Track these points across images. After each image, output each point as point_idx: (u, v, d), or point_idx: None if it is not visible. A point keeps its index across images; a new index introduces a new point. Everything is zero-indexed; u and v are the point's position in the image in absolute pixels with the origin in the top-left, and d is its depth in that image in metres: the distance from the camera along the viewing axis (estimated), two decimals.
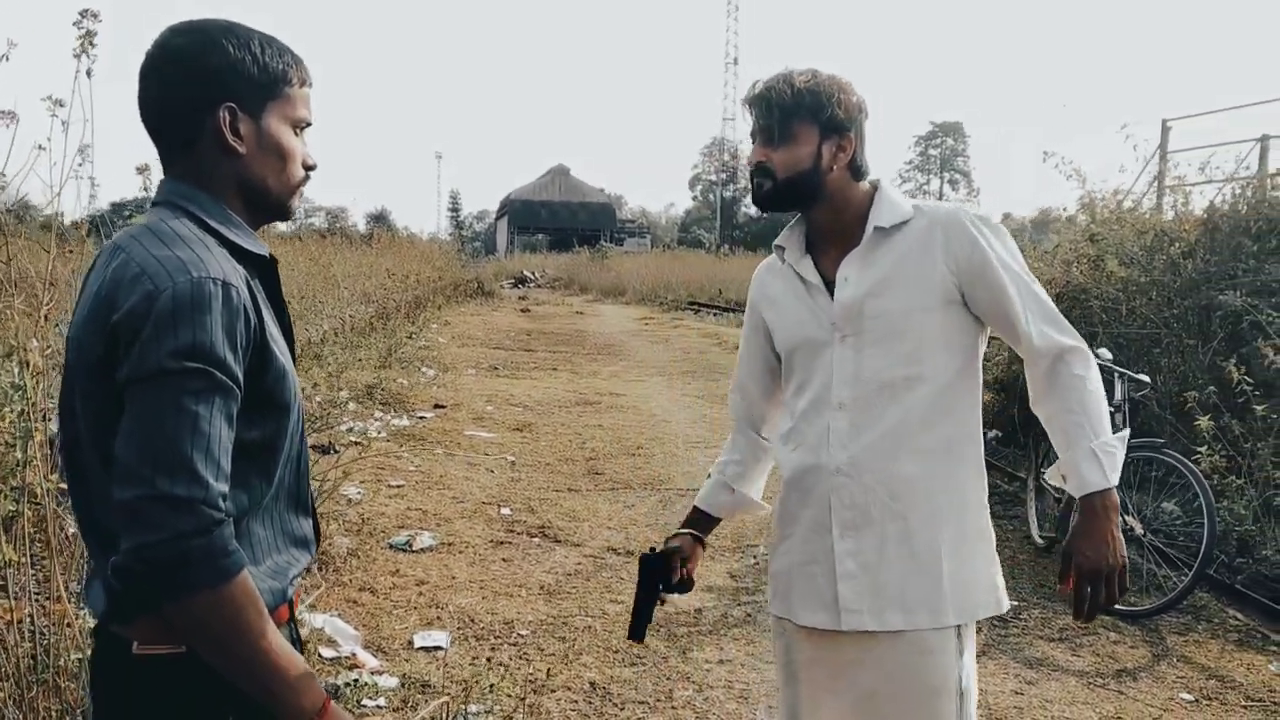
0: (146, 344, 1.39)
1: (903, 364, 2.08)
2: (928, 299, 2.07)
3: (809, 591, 2.17)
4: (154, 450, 1.37)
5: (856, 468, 2.09)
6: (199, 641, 1.44)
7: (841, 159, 2.11)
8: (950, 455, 2.11)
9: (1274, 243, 7.48)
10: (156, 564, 1.36)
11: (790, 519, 2.23)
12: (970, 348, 2.13)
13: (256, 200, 1.66)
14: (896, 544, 2.09)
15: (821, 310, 2.15)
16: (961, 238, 2.07)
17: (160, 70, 1.58)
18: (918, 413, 2.08)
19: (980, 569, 2.14)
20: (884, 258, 2.10)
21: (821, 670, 2.19)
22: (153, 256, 1.46)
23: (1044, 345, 2.07)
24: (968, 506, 2.13)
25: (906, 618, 2.07)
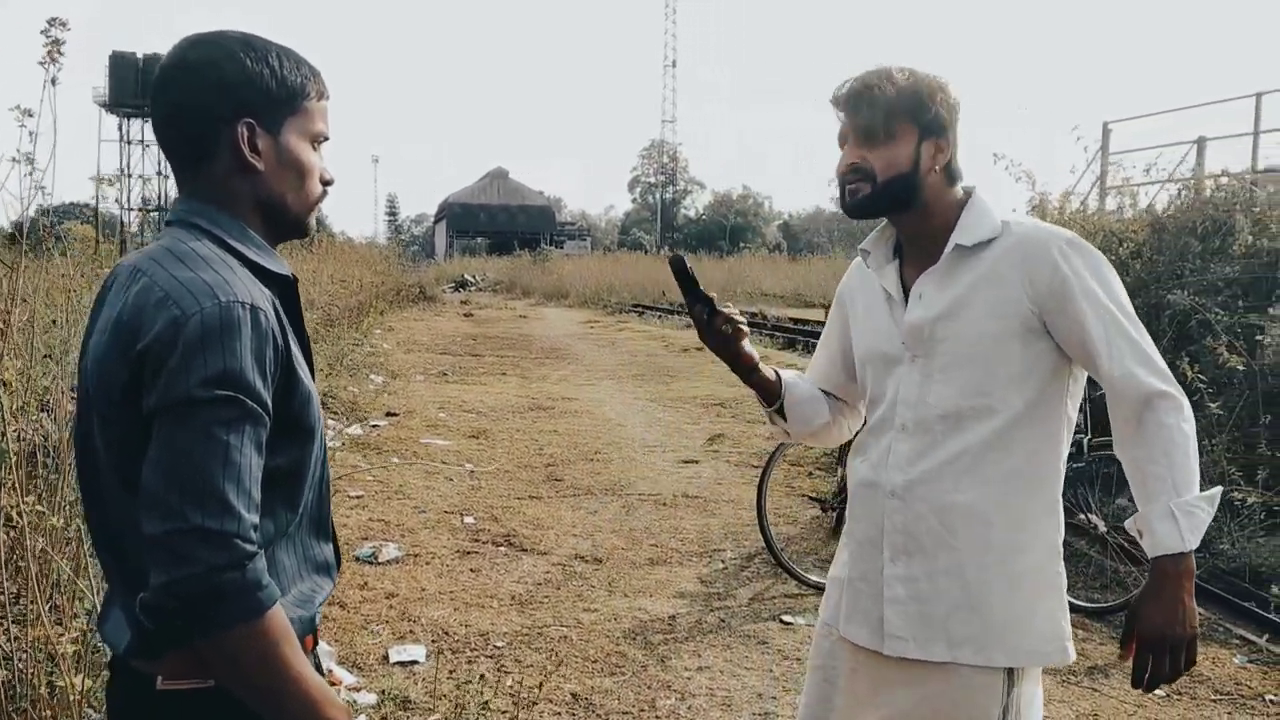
0: (175, 372, 1.35)
1: (970, 394, 1.98)
2: (1002, 326, 1.96)
3: (856, 608, 2.13)
4: (184, 482, 1.33)
5: (910, 493, 2.02)
6: (232, 677, 1.40)
7: (940, 160, 2.02)
8: (1012, 491, 2.00)
9: (1217, 243, 7.64)
10: (189, 600, 1.32)
11: (849, 532, 2.20)
12: (1050, 380, 2.00)
13: (275, 218, 1.61)
14: (946, 575, 2.00)
15: (897, 325, 2.08)
16: (1043, 263, 1.94)
17: (176, 84, 1.53)
18: (983, 445, 1.98)
19: (1039, 614, 2.02)
20: (962, 278, 2.00)
21: (863, 684, 2.14)
22: (176, 280, 1.41)
23: (1128, 387, 1.91)
24: (1029, 546, 2.02)
25: (951, 651, 1.99)
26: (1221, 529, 5.77)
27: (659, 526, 6.72)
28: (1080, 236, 2.06)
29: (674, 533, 6.58)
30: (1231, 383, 6.60)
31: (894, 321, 2.08)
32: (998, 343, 1.97)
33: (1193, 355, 6.71)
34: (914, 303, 2.04)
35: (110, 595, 1.59)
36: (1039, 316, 1.96)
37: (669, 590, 5.49)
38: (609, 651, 4.59)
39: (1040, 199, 8.75)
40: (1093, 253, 1.99)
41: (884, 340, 2.10)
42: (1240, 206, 7.62)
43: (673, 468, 8.53)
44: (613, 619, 5.00)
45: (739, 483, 8.00)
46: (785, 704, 4.10)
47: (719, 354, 2.18)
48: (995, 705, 1.99)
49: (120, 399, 1.40)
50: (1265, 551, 5.55)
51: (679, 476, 8.19)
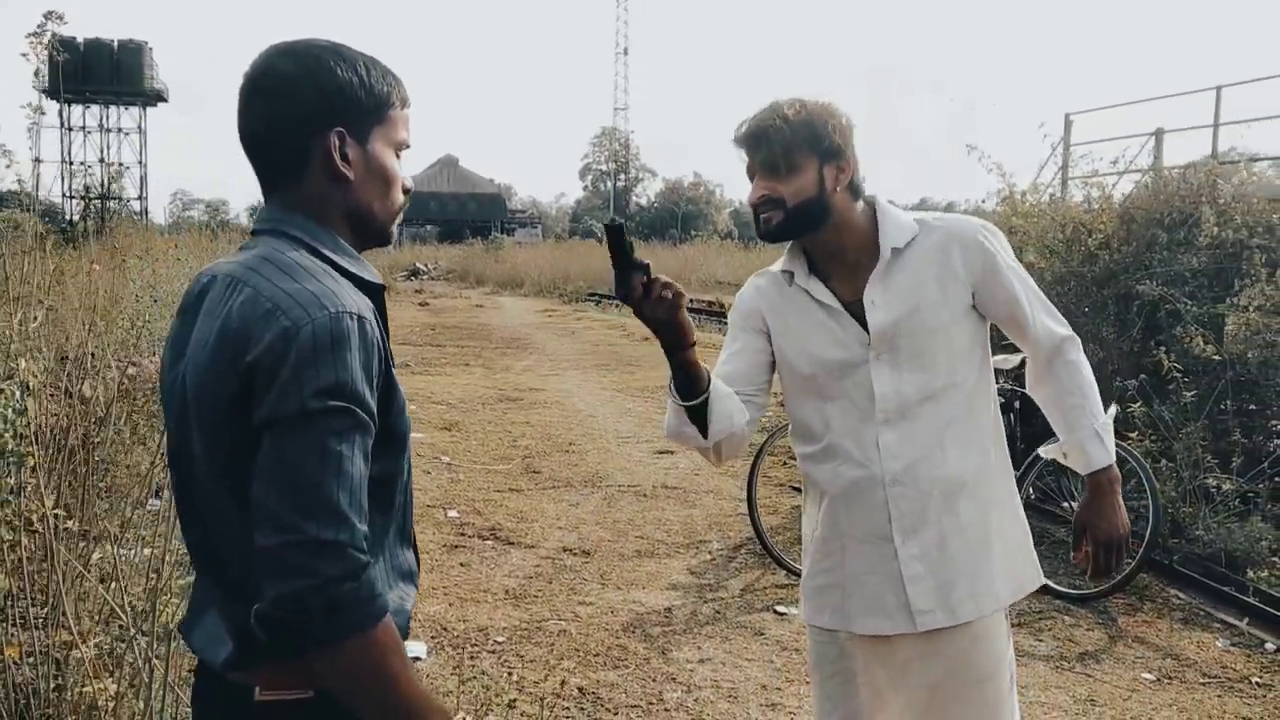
0: (287, 383, 1.34)
1: (939, 375, 2.17)
2: (952, 310, 2.18)
3: (870, 600, 2.21)
4: (299, 493, 1.32)
5: (912, 475, 2.17)
6: (345, 687, 1.39)
7: (843, 180, 2.17)
8: (984, 447, 2.22)
9: (1183, 234, 7.80)
10: (307, 611, 1.31)
11: (837, 533, 2.26)
12: (983, 346, 2.26)
13: (362, 226, 1.60)
14: (953, 537, 2.18)
15: (848, 332, 2.20)
16: (974, 248, 2.18)
17: (267, 94, 1.52)
18: (956, 415, 2.19)
19: (1021, 544, 2.28)
20: (903, 276, 2.18)
21: (881, 673, 2.25)
22: (283, 291, 1.40)
23: (1045, 337, 2.23)
24: (1003, 490, 2.26)
25: (977, 605, 2.17)
26: (1197, 515, 5.90)
27: (642, 518, 6.74)
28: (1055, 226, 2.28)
29: (658, 524, 6.61)
30: (1202, 371, 6.76)
31: (841, 331, 2.21)
32: (950, 324, 2.18)
33: (1161, 344, 6.86)
34: (870, 308, 2.18)
35: (201, 605, 1.58)
36: (973, 294, 2.20)
37: (661, 582, 5.51)
38: (609, 645, 4.61)
39: (1009, 191, 8.87)
40: (999, 233, 2.26)
41: (838, 349, 2.21)
42: (1205, 198, 7.78)
43: (648, 458, 8.55)
44: (609, 612, 5.02)
45: (716, 474, 8.04)
46: (790, 694, 4.14)
47: (659, 326, 2.01)
48: (1006, 649, 2.25)
49: (228, 410, 1.39)
50: (1240, 537, 5.68)
51: (656, 467, 8.22)
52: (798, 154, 2.13)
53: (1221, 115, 10.19)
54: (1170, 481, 6.05)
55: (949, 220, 2.23)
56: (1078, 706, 4.13)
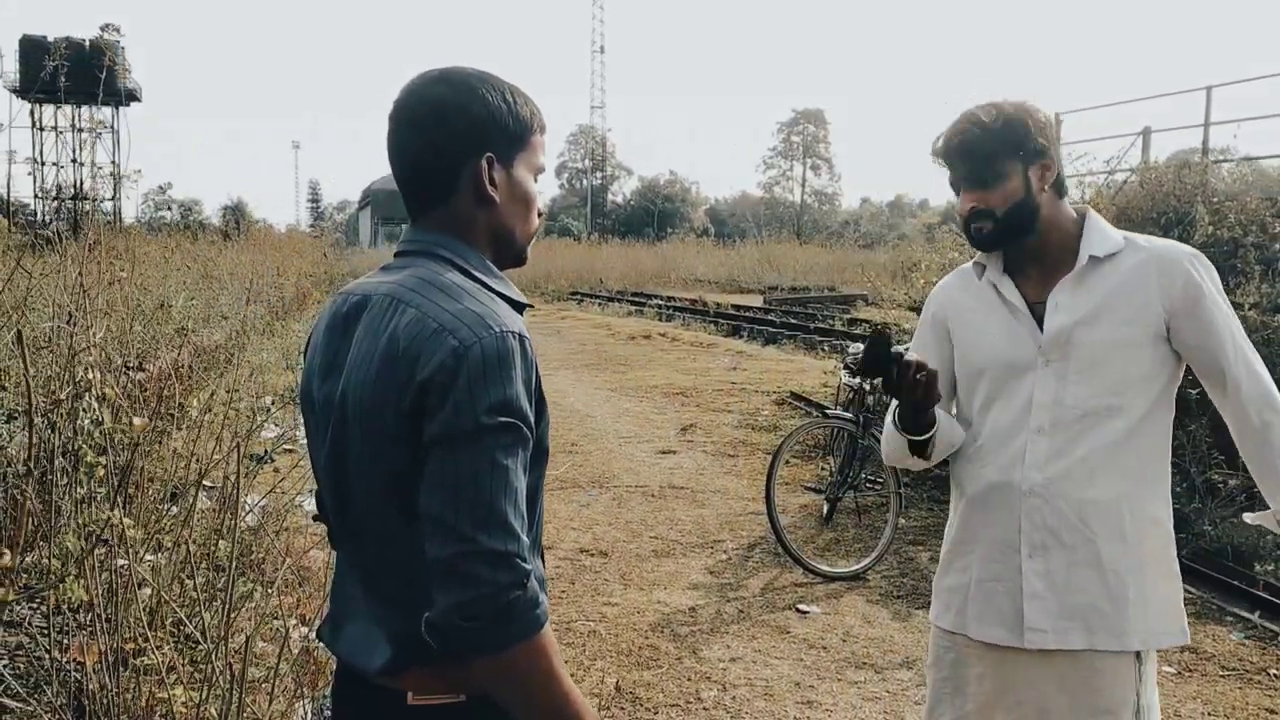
0: (460, 400, 1.39)
1: (1105, 394, 2.12)
2: (1137, 333, 2.11)
3: (989, 608, 2.21)
4: (472, 506, 1.37)
5: (1050, 490, 2.13)
6: (510, 692, 1.44)
7: (1048, 179, 2.15)
8: (1141, 483, 2.15)
9: (1178, 233, 7.92)
10: (479, 619, 1.36)
11: (971, 536, 2.26)
12: (1165, 383, 2.16)
13: (503, 248, 1.66)
14: (1085, 566, 2.12)
15: (1026, 333, 2.18)
16: (1177, 275, 2.10)
17: (422, 120, 1.57)
18: (1114, 441, 2.12)
19: (1166, 596, 2.17)
20: (1096, 287, 2.14)
21: (994, 685, 2.23)
22: (446, 311, 1.45)
23: (1253, 389, 2.10)
24: (1155, 534, 2.17)
25: (1089, 638, 2.12)
26: (1203, 511, 6.02)
27: (654, 518, 6.80)
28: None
29: (670, 524, 6.66)
30: None
31: (1021, 330, 2.19)
32: (1131, 347, 2.11)
33: None
34: (1051, 311, 2.15)
35: (348, 612, 1.62)
36: (1167, 323, 2.11)
37: (681, 582, 5.57)
38: (640, 645, 4.66)
39: None
40: (1211, 266, 2.15)
41: (1012, 348, 2.20)
42: (1200, 196, 7.90)
43: (652, 458, 8.61)
44: (635, 612, 5.08)
45: (721, 473, 8.11)
46: (824, 692, 4.21)
47: (918, 401, 2.16)
48: (1130, 688, 2.13)
49: (396, 426, 1.43)
50: (1246, 531, 5.80)
51: (660, 467, 8.27)
52: (1002, 161, 2.12)
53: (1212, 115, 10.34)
54: (1177, 477, 6.16)
55: (1158, 243, 2.17)
56: None
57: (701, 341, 18.10)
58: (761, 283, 34.75)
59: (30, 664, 3.25)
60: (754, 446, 9.02)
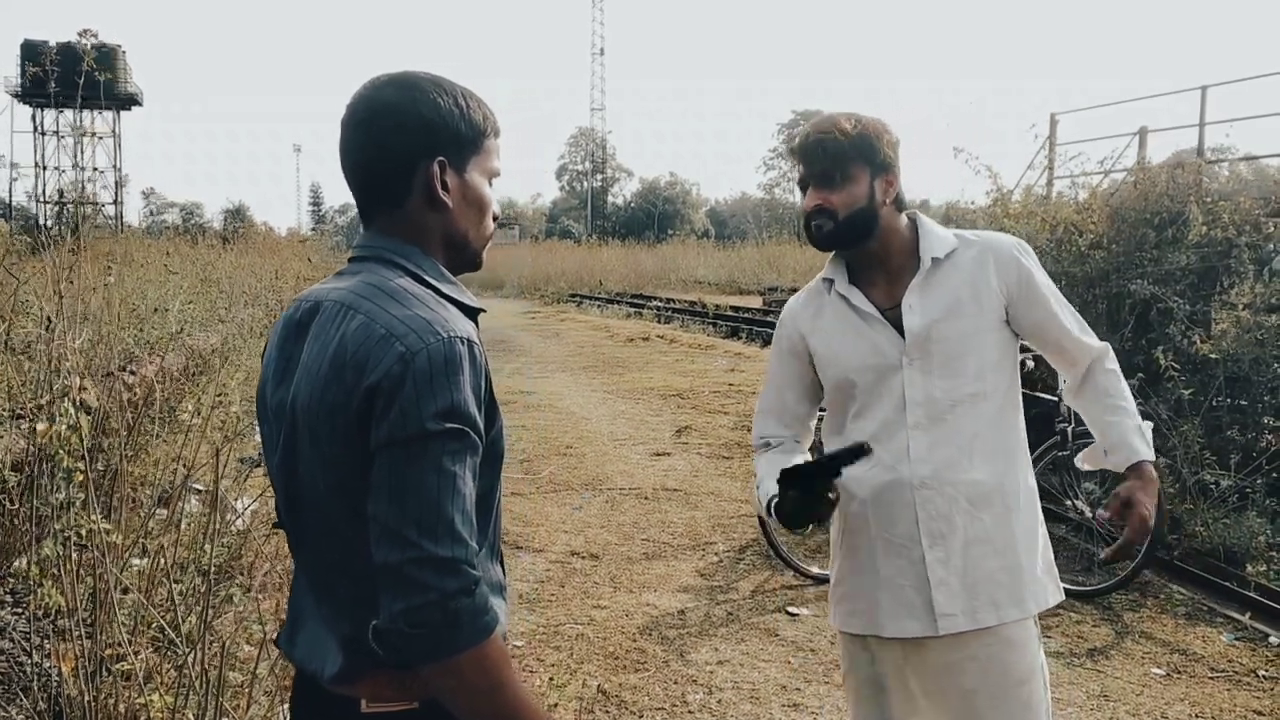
0: (406, 406, 1.38)
1: (969, 383, 2.24)
2: (985, 321, 2.25)
3: (897, 604, 2.27)
4: (418, 512, 1.37)
5: (939, 479, 2.22)
6: (458, 699, 1.43)
7: (890, 193, 2.26)
8: (1011, 458, 2.28)
9: (1171, 233, 7.92)
10: (427, 625, 1.36)
11: (868, 538, 2.31)
12: (1012, 362, 2.32)
13: (457, 252, 1.65)
14: (980, 544, 2.23)
15: (883, 338, 2.27)
16: (1010, 264, 2.26)
17: (373, 124, 1.56)
18: (985, 424, 2.25)
19: (1045, 557, 2.33)
20: (943, 285, 2.26)
21: (913, 678, 2.29)
22: (395, 318, 1.45)
23: (1084, 351, 2.31)
24: (1028, 503, 2.31)
25: (998, 613, 2.23)
26: (1195, 512, 6.00)
27: (646, 521, 6.80)
28: (1045, 227, 2.33)
29: (662, 527, 6.66)
30: (1196, 369, 6.87)
31: (879, 336, 2.28)
32: (982, 335, 2.25)
33: (1153, 342, 6.97)
34: (908, 313, 2.26)
35: (303, 618, 1.62)
36: (1006, 309, 2.27)
37: (671, 585, 5.57)
38: (628, 648, 4.66)
39: (1001, 193, 8.96)
40: (1031, 251, 2.34)
41: (872, 354, 2.28)
42: (1193, 197, 7.89)
43: (646, 461, 8.61)
44: (624, 615, 5.07)
45: (715, 474, 8.11)
46: (810, 695, 4.20)
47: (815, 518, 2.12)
48: (1037, 654, 2.30)
49: (344, 432, 1.43)
50: (1237, 532, 5.79)
51: (655, 469, 8.27)
52: (852, 166, 2.22)
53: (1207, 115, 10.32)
54: (1168, 478, 6.15)
55: (985, 236, 2.32)
56: (1092, 702, 4.21)
57: (700, 343, 18.09)
58: (761, 284, 34.69)
59: (11, 669, 3.25)
60: (749, 448, 8.99)
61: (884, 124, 2.28)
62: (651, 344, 18.26)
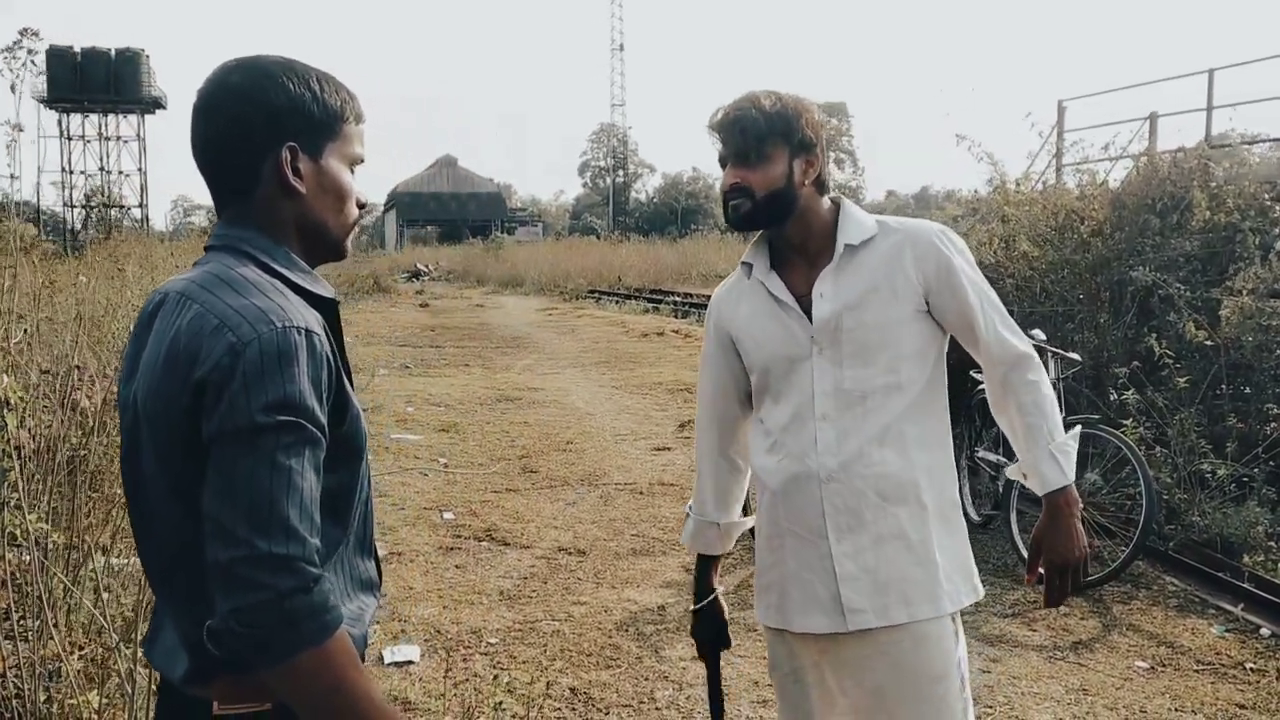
0: (235, 398, 1.35)
1: (881, 374, 2.17)
2: (901, 311, 2.18)
3: (807, 598, 2.21)
4: (249, 508, 1.33)
5: (847, 473, 2.16)
6: (300, 700, 1.40)
7: (811, 174, 2.20)
8: (929, 453, 2.21)
9: (1176, 219, 7.78)
10: (259, 626, 1.32)
11: (779, 530, 2.26)
12: (938, 353, 2.25)
13: (315, 241, 1.61)
14: (891, 540, 2.16)
15: (795, 326, 2.21)
16: (929, 252, 2.19)
17: (219, 109, 1.52)
18: (898, 417, 2.18)
19: (963, 555, 2.25)
20: (855, 273, 2.19)
21: (829, 672, 2.24)
22: (229, 307, 1.41)
23: (1001, 352, 2.20)
24: (947, 500, 2.24)
25: (909, 610, 2.16)
26: (1193, 501, 5.90)
27: (638, 516, 6.75)
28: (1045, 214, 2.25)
29: (654, 521, 6.61)
30: (1196, 356, 6.74)
31: (791, 323, 2.22)
32: (898, 325, 2.18)
33: (1155, 330, 6.85)
34: (817, 301, 2.19)
35: (160, 620, 1.59)
36: (926, 298, 2.19)
37: (655, 580, 5.52)
38: (603, 644, 4.61)
39: (1000, 180, 8.85)
40: (959, 239, 2.26)
41: (784, 343, 2.22)
42: (1197, 182, 7.76)
43: (646, 455, 8.56)
44: (603, 611, 5.03)
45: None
46: None
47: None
48: (954, 652, 2.21)
49: (179, 427, 1.40)
50: (1235, 522, 5.67)
51: (653, 464, 8.22)
52: (769, 145, 2.16)
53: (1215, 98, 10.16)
54: (1165, 468, 6.05)
55: (908, 223, 2.25)
56: (1070, 696, 4.13)
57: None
58: None
59: None
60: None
61: (805, 102, 2.22)
62: (666, 339, 18.18)
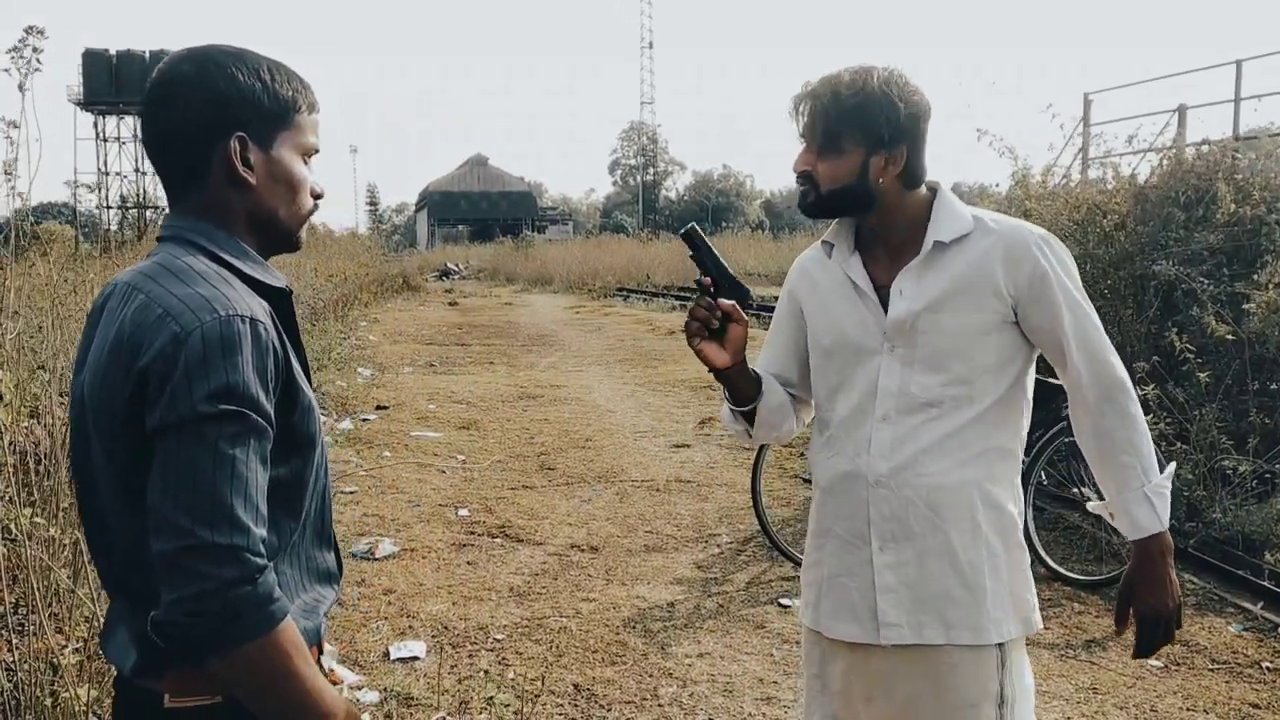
0: (178, 388, 1.34)
1: (952, 384, 2.03)
2: (984, 319, 2.02)
3: (842, 604, 2.11)
4: (192, 499, 1.32)
5: (897, 480, 2.03)
6: (247, 691, 1.39)
7: (892, 171, 2.01)
8: (991, 472, 2.06)
9: (1200, 212, 7.66)
10: (203, 616, 1.31)
11: (824, 529, 2.16)
12: (1020, 368, 2.08)
13: (267, 232, 1.60)
14: (937, 557, 2.03)
15: (870, 317, 2.08)
16: (1024, 258, 2.01)
17: (168, 99, 1.52)
18: (962, 430, 2.03)
19: (1018, 586, 2.09)
20: (942, 272, 2.03)
21: (857, 682, 2.14)
22: (174, 296, 1.40)
23: (1091, 376, 2.01)
24: (1006, 524, 2.08)
25: (945, 633, 2.03)
26: (1214, 498, 5.80)
27: (653, 513, 6.72)
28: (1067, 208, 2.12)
29: (669, 519, 6.59)
30: (1219, 351, 6.64)
31: (867, 314, 2.09)
32: (979, 334, 2.02)
33: (1179, 325, 6.75)
34: (895, 298, 2.05)
35: (113, 613, 1.58)
36: (1015, 309, 2.02)
37: (666, 577, 5.50)
38: (609, 641, 4.60)
39: (1023, 174, 8.75)
40: (1063, 248, 2.06)
41: (857, 332, 2.10)
42: (1222, 174, 7.63)
43: (665, 453, 8.53)
44: (612, 608, 5.01)
45: (731, 466, 8.01)
46: (786, 688, 4.11)
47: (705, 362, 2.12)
48: (993, 682, 2.04)
49: (123, 418, 1.39)
50: (1257, 519, 5.57)
51: (671, 461, 8.19)
52: (843, 138, 1.99)
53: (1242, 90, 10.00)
54: (1186, 464, 5.95)
55: (1007, 224, 2.06)
56: (1080, 695, 4.07)
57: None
58: None
59: None
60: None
61: (900, 87, 1.99)
62: None
